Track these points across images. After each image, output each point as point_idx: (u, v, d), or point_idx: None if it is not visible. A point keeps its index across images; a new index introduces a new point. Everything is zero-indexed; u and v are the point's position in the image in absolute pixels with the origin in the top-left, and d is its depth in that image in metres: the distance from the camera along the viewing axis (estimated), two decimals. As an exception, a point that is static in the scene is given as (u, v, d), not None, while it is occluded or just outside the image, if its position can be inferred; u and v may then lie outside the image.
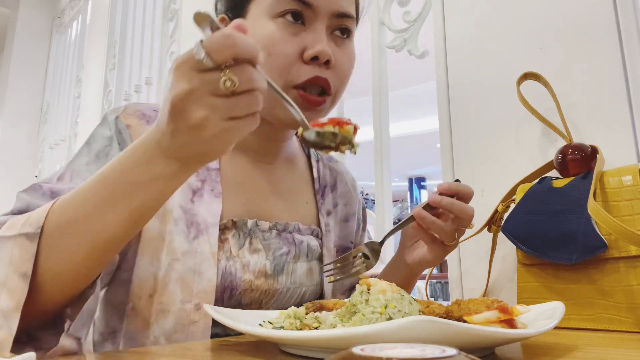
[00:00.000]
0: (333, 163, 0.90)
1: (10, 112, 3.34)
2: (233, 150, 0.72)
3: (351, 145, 0.56)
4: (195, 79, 0.42)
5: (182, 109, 0.42)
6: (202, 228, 0.64)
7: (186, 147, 0.45)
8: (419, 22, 1.17)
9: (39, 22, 3.53)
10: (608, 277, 0.61)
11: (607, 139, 0.75)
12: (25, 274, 0.46)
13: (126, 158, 0.47)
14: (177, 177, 0.47)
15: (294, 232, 0.74)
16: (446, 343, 0.24)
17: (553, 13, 0.85)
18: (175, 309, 0.61)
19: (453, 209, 0.67)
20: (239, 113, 0.43)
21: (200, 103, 0.42)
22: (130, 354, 0.48)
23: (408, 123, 6.13)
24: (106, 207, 0.47)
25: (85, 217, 0.47)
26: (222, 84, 0.41)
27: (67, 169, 0.61)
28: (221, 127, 0.43)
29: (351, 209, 0.87)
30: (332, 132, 0.53)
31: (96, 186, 0.48)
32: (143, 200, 0.47)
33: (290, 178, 0.79)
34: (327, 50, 0.64)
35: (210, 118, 0.42)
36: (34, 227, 0.47)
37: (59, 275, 0.48)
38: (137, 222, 0.49)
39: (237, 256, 0.66)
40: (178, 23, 2.02)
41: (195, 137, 0.43)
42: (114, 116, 0.66)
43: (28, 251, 0.47)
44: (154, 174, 0.46)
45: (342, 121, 0.54)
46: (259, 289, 0.67)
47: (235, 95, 0.42)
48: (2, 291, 0.45)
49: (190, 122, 0.42)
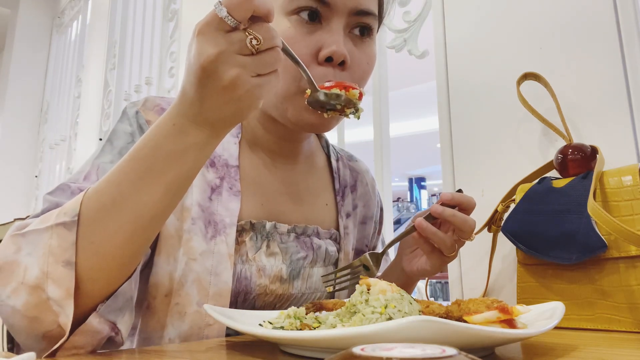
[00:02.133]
0: (353, 162, 0.88)
1: (10, 112, 3.34)
2: (252, 149, 0.72)
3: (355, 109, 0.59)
4: (222, 40, 0.43)
5: (213, 70, 0.43)
6: (219, 228, 0.63)
7: (218, 110, 0.46)
8: (419, 22, 1.17)
9: (39, 22, 3.53)
10: (608, 277, 0.61)
11: (607, 139, 0.75)
12: (68, 261, 0.45)
13: (155, 134, 0.47)
14: (210, 144, 0.48)
15: (312, 236, 0.72)
16: (446, 343, 0.24)
17: (553, 13, 0.85)
18: (191, 311, 0.60)
19: (455, 220, 0.64)
20: (265, 70, 0.45)
21: (231, 63, 0.43)
22: (129, 353, 0.48)
23: (408, 123, 6.13)
24: (142, 185, 0.47)
25: (122, 198, 0.47)
26: (249, 43, 0.43)
27: (92, 167, 0.60)
28: (252, 84, 0.44)
29: (369, 211, 0.85)
30: (337, 93, 0.57)
31: (129, 166, 0.47)
32: (178, 172, 0.47)
33: (309, 178, 0.77)
34: (342, 50, 0.61)
35: (242, 76, 0.44)
36: (69, 216, 0.47)
37: (103, 261, 0.47)
38: (174, 195, 0.48)
39: (252, 260, 0.65)
40: (178, 23, 2.02)
41: (227, 97, 0.44)
42: (134, 110, 0.65)
43: (67, 240, 0.46)
44: (187, 143, 0.47)
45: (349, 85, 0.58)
46: (273, 293, 0.66)
47: (260, 53, 0.44)
48: (47, 282, 0.45)
49: (223, 83, 0.44)
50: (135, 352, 0.49)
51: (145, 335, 0.61)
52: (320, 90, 0.57)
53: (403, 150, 6.86)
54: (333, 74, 0.62)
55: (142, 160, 0.47)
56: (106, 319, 0.48)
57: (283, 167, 0.74)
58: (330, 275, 0.68)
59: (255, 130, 0.72)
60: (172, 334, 0.60)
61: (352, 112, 0.61)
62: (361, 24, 0.65)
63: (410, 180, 9.55)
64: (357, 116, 0.62)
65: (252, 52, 0.44)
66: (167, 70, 2.06)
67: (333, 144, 0.89)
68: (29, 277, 0.45)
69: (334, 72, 0.62)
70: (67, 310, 0.45)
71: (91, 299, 0.48)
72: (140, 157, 0.47)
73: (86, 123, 2.66)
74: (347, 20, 0.64)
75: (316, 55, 0.62)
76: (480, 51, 0.96)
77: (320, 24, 0.63)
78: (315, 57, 0.62)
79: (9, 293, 0.46)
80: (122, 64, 2.43)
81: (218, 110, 0.46)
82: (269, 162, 0.72)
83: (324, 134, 0.86)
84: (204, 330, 0.60)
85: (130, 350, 0.54)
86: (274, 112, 0.67)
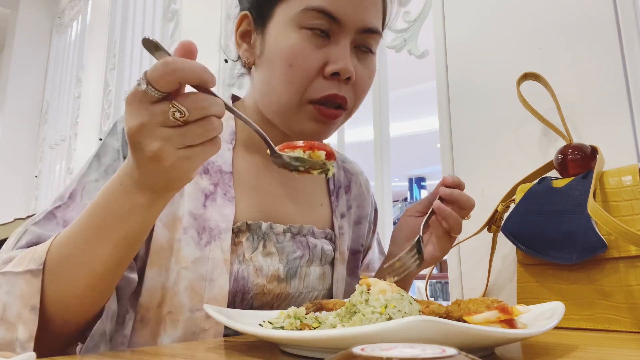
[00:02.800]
0: (347, 164, 0.89)
1: (10, 112, 3.34)
2: (247, 151, 0.73)
3: (324, 171, 0.55)
4: (145, 112, 0.42)
5: (137, 142, 0.43)
6: (214, 234, 0.64)
7: (151, 178, 0.46)
8: (419, 22, 1.17)
9: (39, 22, 3.53)
10: (608, 277, 0.61)
11: (607, 139, 0.75)
12: (34, 307, 0.49)
13: (105, 193, 0.49)
14: (154, 206, 0.49)
15: (308, 235, 0.73)
16: (446, 343, 0.24)
17: (553, 13, 0.85)
18: (184, 318, 0.60)
19: (461, 198, 0.68)
20: (194, 141, 0.43)
21: (153, 136, 0.42)
22: (128, 353, 0.48)
23: (408, 123, 6.13)
24: (94, 241, 0.49)
25: (78, 252, 0.50)
26: (172, 115, 0.41)
27: (78, 185, 0.61)
28: (177, 156, 0.43)
29: (364, 212, 0.86)
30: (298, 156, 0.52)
31: (84, 222, 0.50)
32: (127, 230, 0.49)
33: (304, 179, 0.78)
34: (349, 67, 0.63)
35: (165, 149, 0.42)
36: (36, 264, 0.50)
37: (66, 306, 0.51)
38: (125, 252, 0.51)
39: (250, 260, 0.65)
40: (178, 23, 2.02)
41: (154, 168, 0.44)
42: (122, 126, 0.65)
43: (34, 286, 0.49)
44: (132, 203, 0.48)
45: (315, 146, 0.53)
46: (271, 292, 0.66)
47: (189, 124, 0.42)
48: (19, 323, 0.48)
49: (147, 154, 0.43)
50: (135, 353, 0.49)
51: (137, 346, 0.61)
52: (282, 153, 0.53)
53: (403, 150, 6.86)
54: (338, 88, 0.64)
55: (93, 218, 0.49)
56: None
57: (278, 169, 0.74)
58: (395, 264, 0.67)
59: (251, 133, 0.72)
60: (165, 341, 0.60)
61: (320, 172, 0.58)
62: (367, 43, 0.67)
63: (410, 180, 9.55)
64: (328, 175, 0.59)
65: (178, 123, 0.42)
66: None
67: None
68: (8, 315, 0.49)
69: (339, 86, 0.64)
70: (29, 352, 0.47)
71: (62, 337, 0.52)
72: (93, 214, 0.49)
73: (86, 123, 2.66)
74: (354, 38, 0.65)
75: (322, 69, 0.64)
76: (480, 51, 0.96)
77: (328, 39, 0.64)
78: (322, 71, 0.64)
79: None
80: (122, 64, 2.43)
81: (151, 178, 0.46)
82: (264, 163, 0.73)
83: None
84: (198, 336, 0.61)
85: (128, 351, 0.54)
86: (276, 120, 0.68)
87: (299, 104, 0.64)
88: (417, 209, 0.76)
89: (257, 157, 0.73)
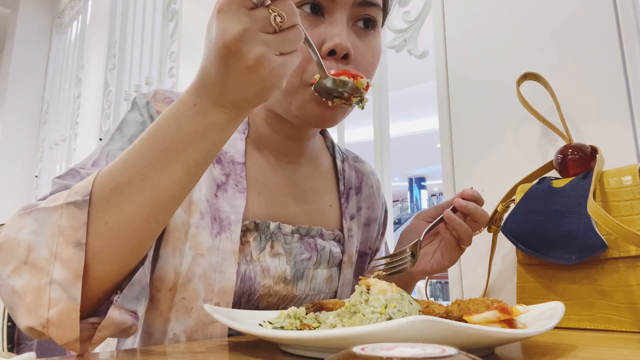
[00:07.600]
0: (359, 164, 0.87)
1: (10, 112, 3.34)
2: (257, 148, 0.72)
3: (361, 99, 0.60)
4: (246, 18, 0.42)
5: (238, 49, 0.42)
6: (224, 225, 0.63)
7: (242, 90, 0.45)
8: (419, 22, 1.17)
9: (39, 22, 3.53)
10: (608, 277, 0.61)
11: (607, 139, 0.75)
12: (79, 242, 0.44)
13: (175, 115, 0.46)
14: (231, 125, 0.47)
15: (316, 237, 0.72)
16: (446, 343, 0.24)
17: (553, 13, 0.85)
18: (198, 307, 0.59)
19: (476, 212, 0.68)
20: (289, 48, 0.44)
21: (255, 41, 0.42)
22: (130, 353, 0.48)
23: (408, 123, 6.13)
24: (161, 165, 0.46)
25: (140, 177, 0.45)
26: (272, 20, 0.42)
27: (101, 154, 0.59)
28: (276, 63, 0.43)
29: (374, 214, 0.84)
30: (345, 80, 0.57)
31: (146, 146, 0.46)
32: (199, 152, 0.46)
33: (314, 179, 0.76)
34: (344, 43, 0.60)
35: (266, 55, 0.43)
36: (81, 195, 0.45)
37: (116, 243, 0.46)
38: (193, 176, 0.48)
39: (257, 260, 0.64)
40: (178, 23, 2.02)
41: (251, 77, 0.44)
42: (145, 101, 0.64)
43: (78, 219, 0.45)
44: (208, 124, 0.46)
45: (356, 74, 0.59)
46: (277, 294, 0.66)
47: (283, 31, 0.44)
48: (55, 263, 0.43)
49: (247, 62, 0.43)
50: (137, 353, 0.49)
51: (147, 329, 0.61)
52: (329, 77, 0.57)
53: (403, 150, 6.86)
54: (336, 68, 0.61)
55: (160, 140, 0.46)
56: (126, 309, 0.47)
57: (287, 167, 0.73)
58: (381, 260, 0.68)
59: (260, 128, 0.72)
60: (177, 329, 0.59)
61: (357, 102, 0.61)
62: (365, 16, 0.64)
63: (410, 180, 9.56)
64: (361, 106, 0.62)
65: (275, 30, 0.43)
66: (167, 70, 2.06)
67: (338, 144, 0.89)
68: (34, 257, 0.44)
69: (337, 66, 0.61)
70: (74, 294, 0.43)
71: (99, 282, 0.46)
72: (158, 137, 0.46)
73: (86, 123, 2.67)
74: (351, 12, 0.63)
75: (319, 50, 0.61)
76: (480, 51, 0.96)
77: (323, 17, 0.62)
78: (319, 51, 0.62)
79: (10, 273, 0.44)
80: (122, 64, 2.43)
81: (242, 91, 0.45)
82: (274, 161, 0.72)
83: (329, 135, 0.86)
84: (208, 327, 0.60)
85: (131, 351, 0.54)
86: (279, 108, 0.67)
87: (299, 85, 0.62)
88: (428, 214, 0.75)
89: (266, 154, 0.72)
